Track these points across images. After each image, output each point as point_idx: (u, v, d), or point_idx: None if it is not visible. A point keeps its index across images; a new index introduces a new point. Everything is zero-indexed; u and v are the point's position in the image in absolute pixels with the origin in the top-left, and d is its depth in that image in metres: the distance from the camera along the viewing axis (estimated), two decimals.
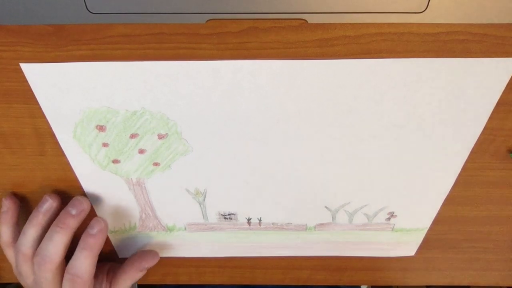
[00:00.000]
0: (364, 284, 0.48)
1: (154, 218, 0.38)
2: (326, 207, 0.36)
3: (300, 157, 0.32)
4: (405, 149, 0.31)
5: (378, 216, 0.37)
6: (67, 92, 0.28)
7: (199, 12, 0.24)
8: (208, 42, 0.26)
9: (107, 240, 0.41)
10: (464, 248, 0.43)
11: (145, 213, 0.37)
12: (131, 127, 0.30)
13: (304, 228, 0.39)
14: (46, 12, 0.24)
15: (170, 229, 0.39)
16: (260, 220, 0.38)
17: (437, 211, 0.37)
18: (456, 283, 0.47)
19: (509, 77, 0.26)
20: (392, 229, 0.39)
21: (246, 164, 0.32)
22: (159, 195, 0.35)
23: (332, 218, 0.37)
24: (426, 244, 0.42)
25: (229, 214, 0.37)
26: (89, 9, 0.24)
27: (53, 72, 0.27)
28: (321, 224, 0.38)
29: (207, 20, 0.25)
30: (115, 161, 0.32)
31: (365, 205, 0.36)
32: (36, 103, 0.29)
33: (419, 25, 0.25)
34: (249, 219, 0.38)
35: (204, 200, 0.36)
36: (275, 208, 0.36)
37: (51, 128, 0.31)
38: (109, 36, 0.26)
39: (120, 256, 0.43)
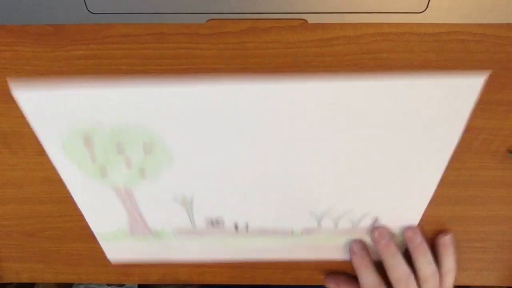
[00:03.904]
0: None
1: (142, 223, 0.38)
2: (310, 213, 0.37)
3: (284, 165, 0.32)
4: (385, 159, 0.32)
5: (362, 221, 0.38)
6: (55, 110, 0.29)
7: (199, 12, 0.24)
8: (208, 42, 0.26)
9: (98, 245, 0.41)
10: (464, 248, 0.43)
11: (133, 219, 0.38)
12: (117, 140, 0.31)
13: (291, 233, 0.39)
14: (46, 12, 0.24)
15: (158, 234, 0.40)
16: (247, 225, 0.38)
17: (420, 217, 0.37)
18: (456, 283, 0.47)
19: (479, 91, 0.27)
20: None
21: (231, 172, 0.33)
22: (146, 202, 0.36)
23: (318, 223, 0.38)
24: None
25: (216, 219, 0.38)
26: (89, 9, 0.24)
27: (42, 96, 0.27)
28: (307, 229, 0.39)
29: (207, 20, 0.25)
30: (103, 172, 0.33)
31: (349, 211, 0.37)
32: None
33: (419, 25, 0.25)
34: (236, 225, 0.38)
35: (191, 206, 0.36)
36: (261, 214, 0.37)
37: None
38: (109, 36, 0.25)
39: (111, 261, 0.43)
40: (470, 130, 0.31)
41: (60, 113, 0.29)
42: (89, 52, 0.26)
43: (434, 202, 0.37)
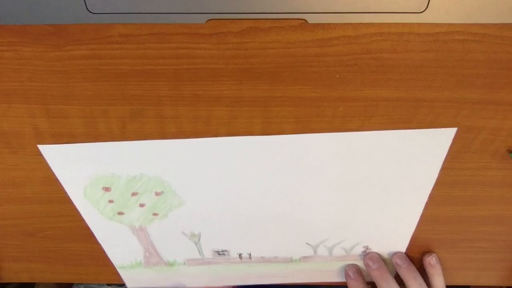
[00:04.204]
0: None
1: (156, 255, 0.43)
2: (307, 243, 0.41)
3: (281, 203, 0.37)
4: (371, 198, 0.36)
5: (354, 249, 0.42)
6: (77, 162, 0.33)
7: (199, 12, 0.24)
8: (208, 42, 0.26)
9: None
10: (464, 248, 0.43)
11: (148, 252, 0.43)
12: (132, 187, 0.35)
13: (290, 260, 0.44)
14: (46, 12, 0.24)
15: (171, 264, 0.45)
16: (250, 255, 0.43)
17: (407, 243, 0.42)
18: (456, 283, 0.47)
19: (449, 144, 0.31)
20: None
21: (235, 211, 0.38)
22: (159, 237, 0.41)
23: (314, 252, 0.43)
24: (426, 244, 0.42)
25: (222, 251, 0.43)
26: (89, 9, 0.24)
27: (65, 150, 0.32)
28: (305, 257, 0.43)
29: (207, 20, 0.25)
30: (120, 213, 0.38)
31: (342, 241, 0.41)
32: (36, 103, 0.29)
33: (419, 25, 0.25)
34: (240, 254, 0.43)
35: (199, 240, 0.41)
36: (262, 244, 0.42)
37: (51, 128, 0.31)
38: (109, 36, 0.26)
39: (129, 286, 0.48)
40: (470, 130, 0.31)
41: (81, 165, 0.33)
42: (89, 52, 0.26)
43: (434, 202, 0.37)
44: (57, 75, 0.28)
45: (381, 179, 0.34)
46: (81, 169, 0.34)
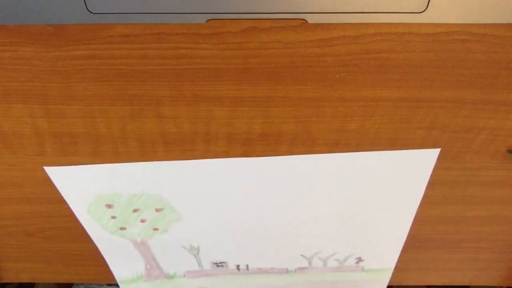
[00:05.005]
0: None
1: (157, 268, 0.45)
2: (301, 255, 0.43)
3: (277, 218, 0.38)
4: (363, 214, 0.38)
5: (348, 261, 0.44)
6: (81, 182, 0.35)
7: (199, 12, 0.24)
8: (208, 42, 0.26)
9: None
10: (464, 248, 0.43)
11: (149, 264, 0.45)
12: (133, 204, 0.37)
13: (286, 271, 0.45)
14: (46, 12, 0.24)
15: (171, 277, 0.46)
16: (247, 266, 0.45)
17: (397, 257, 0.43)
18: (456, 283, 0.47)
19: (433, 164, 0.33)
20: (362, 270, 0.46)
21: (232, 225, 0.39)
22: (160, 250, 0.43)
23: (309, 263, 0.44)
24: (426, 244, 0.42)
25: (220, 262, 0.44)
26: (89, 9, 0.24)
27: (70, 172, 0.33)
28: (300, 268, 0.45)
29: (207, 20, 0.25)
30: (122, 228, 0.39)
31: (335, 253, 0.43)
32: (36, 103, 0.29)
33: (419, 25, 0.25)
34: (238, 266, 0.45)
35: (198, 253, 0.43)
36: (259, 256, 0.44)
37: (51, 128, 0.31)
38: (109, 36, 0.25)
39: None
40: (470, 130, 0.31)
41: (85, 185, 0.35)
42: (89, 52, 0.26)
43: (434, 202, 0.37)
44: (57, 75, 0.28)
45: (370, 197, 0.36)
46: (85, 188, 0.35)
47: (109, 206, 0.37)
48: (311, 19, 0.24)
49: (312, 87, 0.28)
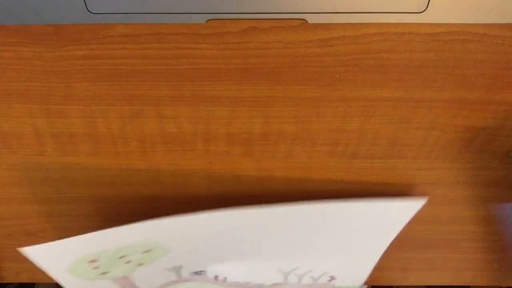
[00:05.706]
0: (364, 283, 0.48)
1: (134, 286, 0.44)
2: (279, 270, 0.44)
3: (258, 238, 0.39)
4: (338, 241, 0.40)
5: (321, 278, 0.46)
6: (63, 254, 0.34)
7: (199, 12, 0.24)
8: (208, 42, 0.26)
9: None
10: (464, 248, 0.43)
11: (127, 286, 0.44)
12: (120, 253, 0.36)
13: (260, 286, 0.46)
14: (46, 12, 0.24)
15: None
16: (225, 279, 0.45)
17: (367, 276, 0.45)
18: (456, 283, 0.47)
19: (417, 211, 0.35)
20: (333, 287, 0.48)
21: (217, 249, 0.40)
22: (141, 277, 0.41)
23: (285, 278, 0.46)
24: (426, 244, 0.42)
25: (200, 271, 0.44)
26: (89, 9, 0.24)
27: (50, 249, 0.32)
28: (275, 284, 0.46)
29: (207, 20, 0.25)
30: (103, 273, 0.38)
31: (310, 271, 0.44)
32: (36, 103, 0.29)
33: (419, 25, 0.25)
34: (216, 277, 0.45)
35: (179, 271, 0.43)
36: (238, 270, 0.44)
37: (51, 128, 0.31)
38: (109, 36, 0.26)
39: None
40: (470, 130, 0.31)
41: (65, 253, 0.34)
42: (89, 52, 0.26)
43: (434, 202, 0.37)
44: (57, 75, 0.28)
45: (346, 230, 0.38)
46: (66, 258, 0.34)
47: (92, 261, 0.35)
48: (311, 19, 0.24)
49: (312, 87, 0.28)
